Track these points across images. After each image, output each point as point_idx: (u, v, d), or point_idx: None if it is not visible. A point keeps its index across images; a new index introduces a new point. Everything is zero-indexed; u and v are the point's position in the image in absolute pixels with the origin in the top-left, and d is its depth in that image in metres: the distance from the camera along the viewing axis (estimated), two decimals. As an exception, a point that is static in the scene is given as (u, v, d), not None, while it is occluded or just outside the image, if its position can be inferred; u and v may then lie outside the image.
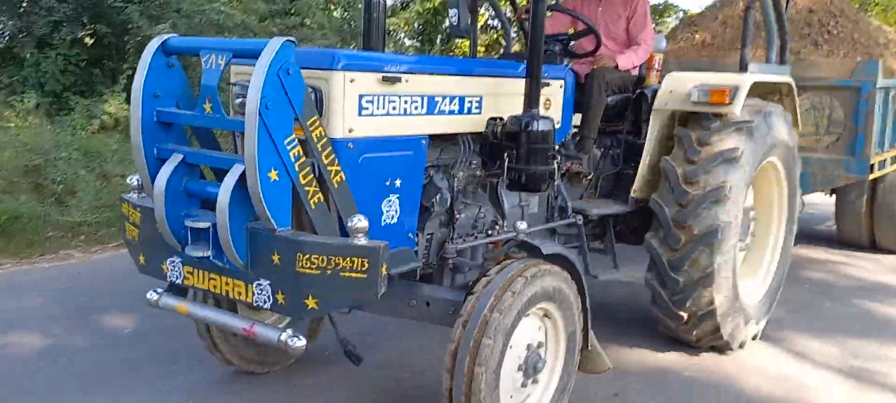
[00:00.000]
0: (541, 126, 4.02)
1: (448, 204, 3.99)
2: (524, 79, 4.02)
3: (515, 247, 3.97)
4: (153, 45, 3.28)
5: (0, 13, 12.99)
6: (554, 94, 4.67)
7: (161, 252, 3.44)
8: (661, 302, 5.07)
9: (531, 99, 4.04)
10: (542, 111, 4.49)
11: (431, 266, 4.10)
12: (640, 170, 5.22)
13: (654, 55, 5.86)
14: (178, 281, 3.44)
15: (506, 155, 4.09)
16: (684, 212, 4.84)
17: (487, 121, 4.15)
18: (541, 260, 3.69)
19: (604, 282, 5.17)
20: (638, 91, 5.55)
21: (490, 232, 4.41)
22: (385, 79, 3.46)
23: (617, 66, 5.39)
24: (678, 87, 5.08)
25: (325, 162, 3.19)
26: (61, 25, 12.24)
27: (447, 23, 4.89)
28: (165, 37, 3.31)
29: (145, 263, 3.57)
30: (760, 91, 5.30)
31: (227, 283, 3.26)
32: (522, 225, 3.81)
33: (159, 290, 3.59)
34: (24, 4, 12.85)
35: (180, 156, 3.26)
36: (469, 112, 4.04)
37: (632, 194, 5.22)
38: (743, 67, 5.07)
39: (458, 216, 4.10)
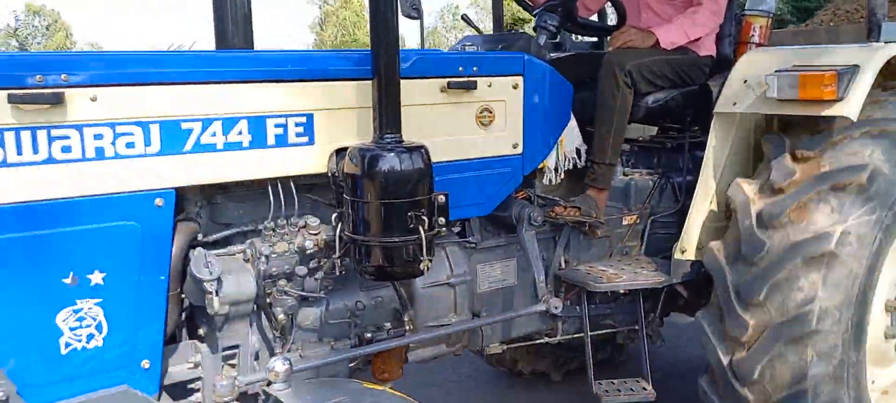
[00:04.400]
0: (393, 164, 2.23)
1: (248, 300, 2.34)
2: (371, 83, 2.27)
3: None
4: None
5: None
6: (503, 100, 2.80)
7: None
8: (717, 368, 2.86)
9: (383, 117, 2.26)
10: (475, 127, 2.70)
11: None
12: (689, 214, 3.14)
13: (750, 21, 3.71)
14: None
15: (335, 216, 2.37)
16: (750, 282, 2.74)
17: (332, 156, 2.44)
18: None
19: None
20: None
21: (374, 335, 2.69)
22: (17, 99, 1.91)
23: (657, 44, 3.33)
24: (757, 73, 2.94)
25: None
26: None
27: None
28: None
29: None
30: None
31: None
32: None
33: None
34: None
35: None
36: (282, 142, 2.35)
37: (675, 254, 3.15)
38: (871, 32, 2.79)
39: (279, 317, 2.43)
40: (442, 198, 2.36)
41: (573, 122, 3.23)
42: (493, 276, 3.08)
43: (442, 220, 2.37)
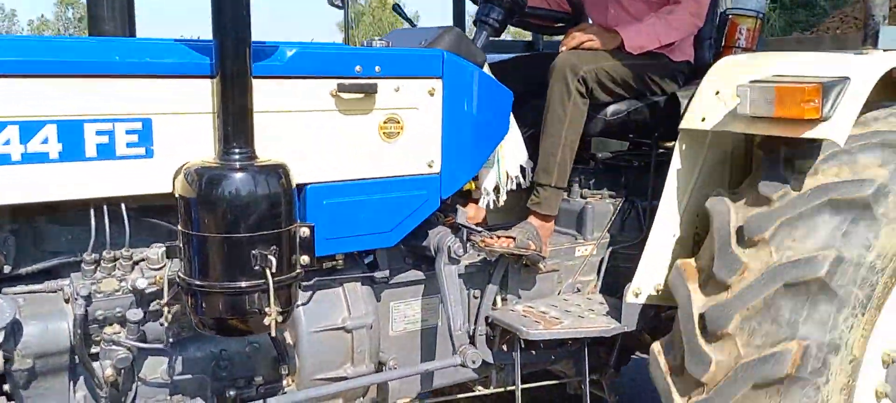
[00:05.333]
0: (236, 187, 1.75)
1: (60, 353, 1.87)
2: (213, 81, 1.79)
3: None
4: None
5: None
6: (415, 107, 2.30)
7: None
8: None
9: (228, 127, 1.78)
10: (378, 140, 2.22)
11: None
12: (646, 249, 2.62)
13: (736, 22, 3.19)
14: None
15: (161, 251, 1.90)
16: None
17: (178, 173, 1.96)
18: None
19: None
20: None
21: (241, 392, 2.20)
22: None
23: (622, 46, 2.82)
24: (731, 83, 2.42)
25: None
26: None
27: None
28: None
29: None
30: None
31: None
32: None
33: None
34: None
35: None
36: (108, 154, 1.86)
37: (628, 297, 2.63)
38: (867, 37, 2.27)
39: (107, 372, 1.94)
40: (306, 231, 1.88)
41: (516, 135, 2.73)
42: (410, 317, 2.60)
43: (305, 259, 1.88)
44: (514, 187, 2.76)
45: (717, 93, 2.46)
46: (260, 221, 1.75)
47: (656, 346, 2.43)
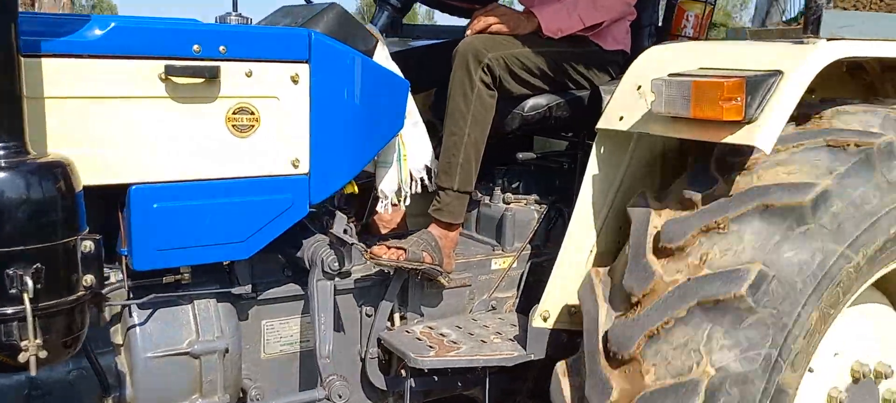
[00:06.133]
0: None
1: None
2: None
3: None
4: None
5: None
6: (274, 96, 1.96)
7: None
8: None
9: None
10: (226, 134, 1.89)
11: None
12: (556, 266, 2.28)
13: (683, 8, 2.84)
14: None
15: None
16: None
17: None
18: None
19: None
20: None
21: None
22: None
23: (539, 31, 2.47)
24: (653, 77, 2.05)
25: None
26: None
27: None
28: None
29: None
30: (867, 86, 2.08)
31: None
32: None
33: None
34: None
35: None
36: None
37: (534, 321, 2.28)
38: (809, 24, 1.90)
39: None
40: (89, 245, 1.54)
41: (422, 132, 2.40)
42: (286, 337, 2.27)
43: (89, 279, 1.55)
44: (419, 189, 2.43)
45: (639, 88, 2.11)
46: (20, 233, 1.42)
47: (560, 366, 2.09)
